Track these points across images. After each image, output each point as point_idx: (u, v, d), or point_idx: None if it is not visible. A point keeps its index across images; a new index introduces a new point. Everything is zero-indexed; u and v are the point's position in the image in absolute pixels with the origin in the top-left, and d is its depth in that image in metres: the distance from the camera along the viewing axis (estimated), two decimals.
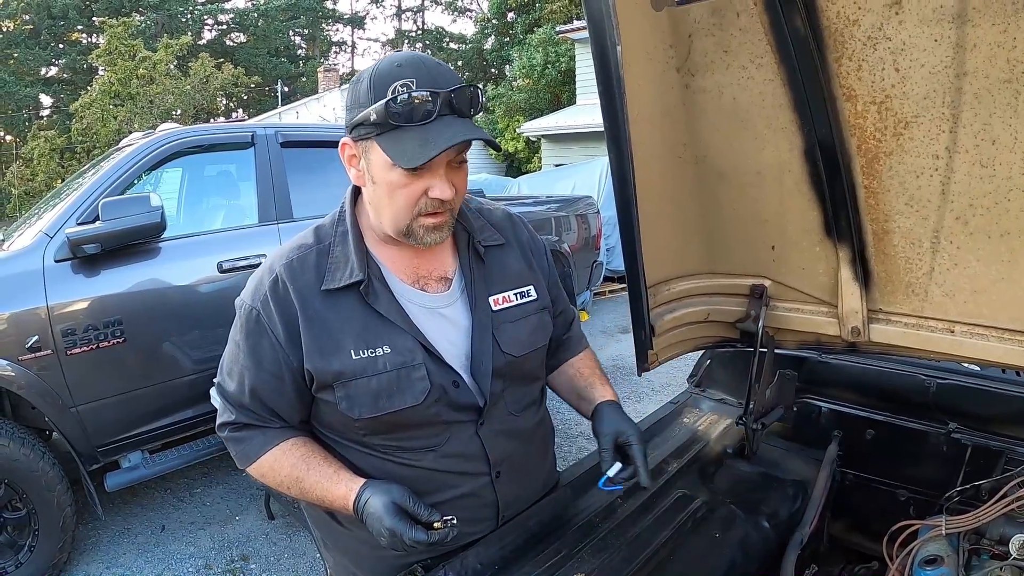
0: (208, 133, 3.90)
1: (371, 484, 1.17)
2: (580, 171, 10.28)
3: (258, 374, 1.20)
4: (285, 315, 1.17)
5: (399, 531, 1.09)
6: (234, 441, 1.27)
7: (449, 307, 1.26)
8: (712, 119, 1.51)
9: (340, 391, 1.17)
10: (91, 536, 3.48)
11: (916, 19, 1.16)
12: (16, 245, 3.16)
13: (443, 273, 1.28)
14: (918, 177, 1.34)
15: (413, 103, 1.04)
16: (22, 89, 27.46)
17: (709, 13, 1.36)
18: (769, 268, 1.70)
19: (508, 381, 1.29)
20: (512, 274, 1.34)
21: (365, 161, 1.14)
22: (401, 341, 1.18)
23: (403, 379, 1.17)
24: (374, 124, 1.07)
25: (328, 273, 1.19)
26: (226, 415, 1.27)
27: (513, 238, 1.39)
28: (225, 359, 1.28)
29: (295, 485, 1.22)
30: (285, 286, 1.18)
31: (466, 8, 40.02)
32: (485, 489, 1.29)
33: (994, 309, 1.39)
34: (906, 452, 1.81)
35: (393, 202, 1.12)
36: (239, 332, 1.23)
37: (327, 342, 1.17)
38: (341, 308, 1.18)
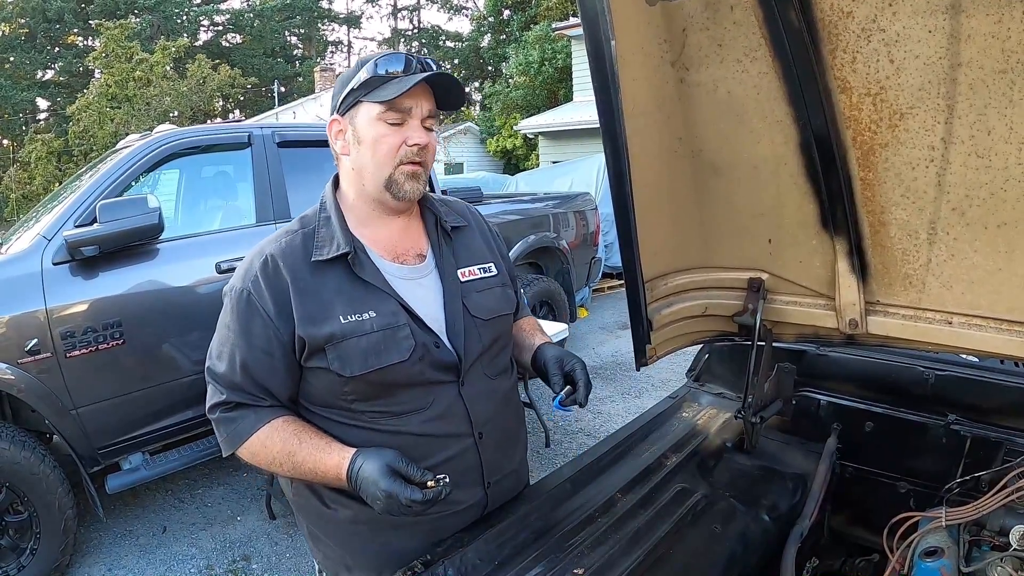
0: (205, 134, 3.89)
1: (363, 451, 1.22)
2: (578, 168, 10.27)
3: (249, 351, 1.26)
4: (275, 291, 1.26)
5: (395, 492, 1.13)
6: (225, 422, 1.30)
7: (425, 278, 1.38)
8: (707, 113, 1.51)
9: (332, 352, 1.24)
10: (92, 538, 3.48)
11: (910, 10, 1.16)
12: (14, 248, 3.16)
13: (419, 250, 1.40)
14: (914, 169, 1.34)
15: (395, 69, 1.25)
16: (18, 93, 27.42)
17: (703, 7, 1.36)
18: (766, 261, 1.70)
19: (480, 343, 1.38)
20: (475, 252, 1.48)
21: (351, 128, 1.30)
22: (385, 306, 1.28)
23: (389, 339, 1.26)
24: (362, 86, 1.25)
25: (316, 249, 1.29)
26: (216, 396, 1.30)
27: (474, 223, 1.54)
28: (214, 344, 1.33)
29: (287, 460, 1.25)
30: (276, 265, 1.27)
31: (462, 6, 40.03)
32: (469, 452, 1.36)
33: (992, 300, 1.39)
34: (905, 444, 1.81)
35: (376, 154, 1.27)
36: (229, 315, 1.30)
37: (318, 309, 1.25)
38: (329, 279, 1.28)
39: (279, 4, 35.62)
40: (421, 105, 1.27)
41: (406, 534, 1.35)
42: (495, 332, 1.42)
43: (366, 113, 1.27)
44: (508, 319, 1.49)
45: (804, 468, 1.81)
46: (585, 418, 4.78)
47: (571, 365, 1.44)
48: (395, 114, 1.26)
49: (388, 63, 1.25)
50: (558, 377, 1.43)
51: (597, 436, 4.42)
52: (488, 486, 1.41)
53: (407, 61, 1.26)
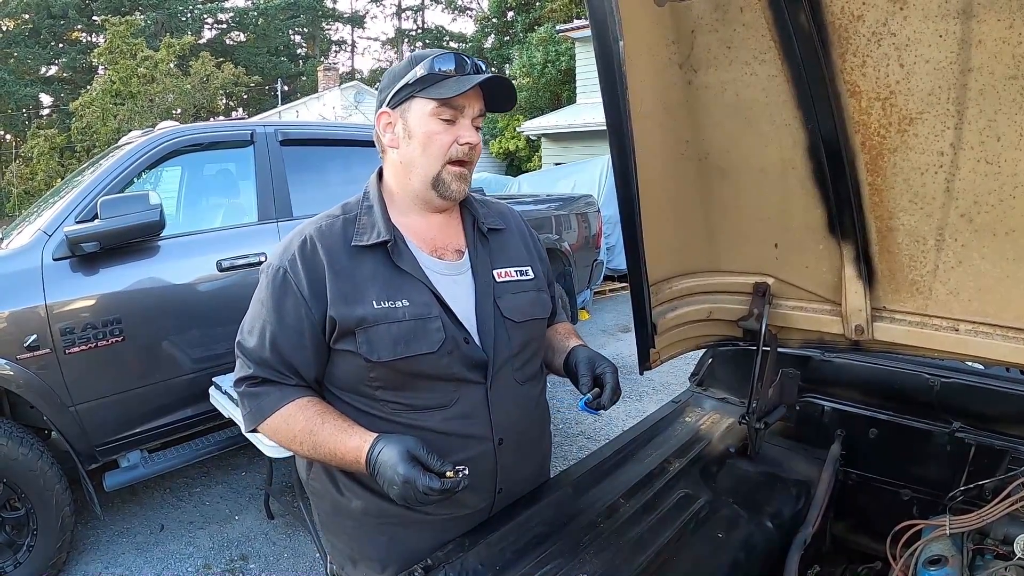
0: (207, 131, 3.88)
1: (384, 436, 1.22)
2: (580, 170, 10.28)
3: (280, 328, 1.28)
4: (311, 271, 1.27)
5: (412, 478, 1.13)
6: (250, 396, 1.31)
7: (462, 275, 1.38)
8: (715, 116, 1.50)
9: (361, 336, 1.25)
10: (90, 535, 3.47)
11: (921, 14, 1.15)
12: (15, 243, 3.15)
13: (457, 246, 1.41)
14: (922, 174, 1.33)
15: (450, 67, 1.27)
16: (22, 88, 27.46)
17: (712, 9, 1.35)
18: (772, 266, 1.69)
19: (510, 346, 1.38)
20: (513, 254, 1.48)
21: (402, 122, 1.31)
22: (419, 296, 1.29)
23: (419, 328, 1.27)
24: (419, 81, 1.27)
25: (356, 235, 1.31)
26: (244, 370, 1.32)
27: (514, 226, 1.54)
28: (247, 319, 1.34)
29: (308, 439, 1.26)
30: (314, 245, 1.29)
31: (466, 7, 40.07)
32: (487, 456, 1.35)
33: (999, 307, 1.38)
34: (910, 451, 1.80)
35: (427, 150, 1.29)
36: (264, 291, 1.31)
37: (352, 291, 1.27)
38: (366, 264, 1.29)
39: (283, 3, 35.68)
40: (473, 105, 1.30)
41: (413, 532, 1.35)
42: (527, 335, 1.42)
43: (419, 109, 1.29)
44: (541, 324, 1.49)
45: (807, 475, 1.80)
46: (586, 421, 4.77)
47: (602, 368, 1.43)
48: (449, 111, 1.28)
49: (443, 62, 1.27)
50: (587, 378, 1.42)
51: (597, 439, 4.41)
52: (499, 492, 1.41)
53: (459, 61, 1.29)
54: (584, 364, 1.44)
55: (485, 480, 1.37)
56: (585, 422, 4.74)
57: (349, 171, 4.15)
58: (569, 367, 1.49)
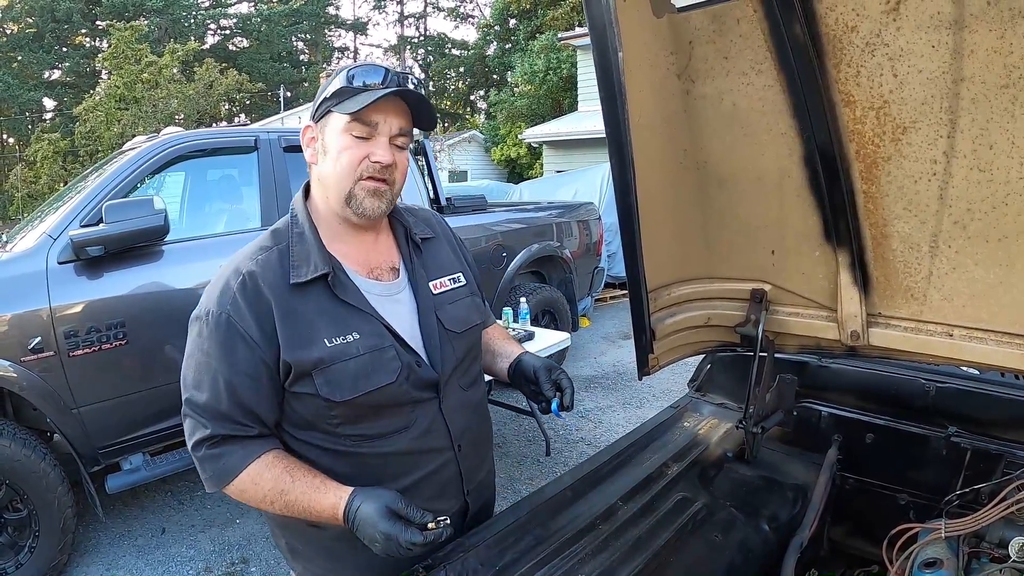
0: (212, 137, 3.91)
1: (360, 491, 1.18)
2: (582, 177, 10.29)
3: (234, 375, 1.19)
4: (257, 312, 1.19)
5: (394, 534, 1.11)
6: (211, 459, 1.21)
7: (400, 293, 1.36)
8: (712, 125, 1.53)
9: (320, 378, 1.20)
10: (91, 538, 3.48)
11: (914, 25, 1.17)
12: (19, 247, 3.17)
13: (392, 264, 1.38)
14: (916, 182, 1.35)
15: (369, 80, 1.21)
16: (25, 92, 27.50)
17: (709, 20, 1.38)
18: (769, 273, 1.71)
19: (455, 357, 1.38)
20: (445, 263, 1.47)
21: (322, 136, 1.26)
22: (368, 327, 1.25)
23: (376, 360, 1.23)
24: (333, 96, 1.22)
25: (293, 269, 1.23)
26: (199, 431, 1.22)
27: (441, 233, 1.52)
28: (189, 374, 1.24)
29: (279, 499, 1.20)
30: (256, 284, 1.21)
31: (468, 14, 40.20)
32: (450, 464, 1.37)
33: (993, 313, 1.40)
34: (906, 456, 1.82)
35: (338, 165, 1.23)
36: (207, 341, 1.21)
37: (303, 332, 1.20)
38: (309, 300, 1.23)
39: (286, 9, 35.79)
40: (390, 121, 1.23)
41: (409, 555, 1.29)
42: (468, 344, 1.42)
43: (335, 124, 1.23)
44: (479, 329, 1.50)
45: (804, 479, 1.81)
46: (586, 427, 4.78)
47: (557, 373, 1.48)
48: (361, 127, 1.21)
49: (364, 74, 1.21)
50: (548, 384, 1.46)
51: (597, 445, 4.41)
52: (467, 493, 1.43)
53: (384, 73, 1.22)
54: (543, 372, 1.48)
55: (453, 485, 1.39)
56: (584, 428, 4.75)
57: None
58: (525, 375, 1.52)
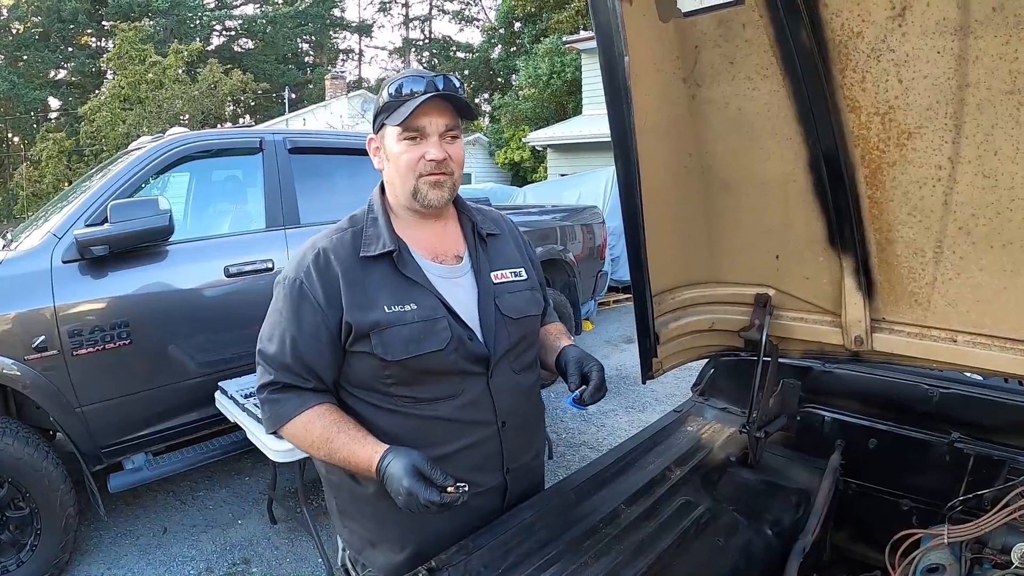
0: (217, 138, 3.92)
1: (394, 448, 1.31)
2: (586, 181, 10.29)
3: (299, 334, 1.37)
4: (326, 281, 1.37)
5: (415, 491, 1.22)
6: (272, 402, 1.40)
7: (462, 277, 1.48)
8: (718, 130, 1.53)
9: (376, 338, 1.34)
10: (93, 537, 3.48)
11: (919, 31, 1.18)
12: (24, 245, 3.18)
13: (456, 252, 1.51)
14: (921, 187, 1.35)
15: (411, 89, 1.35)
16: (31, 91, 27.56)
17: (715, 25, 1.38)
18: (773, 277, 1.71)
19: (508, 340, 1.48)
20: (508, 258, 1.58)
21: (382, 147, 1.43)
22: (425, 300, 1.39)
23: (428, 329, 1.37)
24: (384, 108, 1.38)
25: (364, 246, 1.41)
26: (265, 377, 1.40)
27: (507, 231, 1.65)
28: (265, 328, 1.44)
29: (324, 446, 1.35)
30: (327, 258, 1.39)
31: (473, 18, 40.28)
32: (492, 439, 1.46)
33: (997, 318, 1.40)
34: (909, 461, 1.81)
35: (399, 168, 1.39)
36: (281, 301, 1.41)
37: (365, 299, 1.36)
38: (375, 273, 1.39)
39: (291, 11, 35.85)
40: (436, 122, 1.37)
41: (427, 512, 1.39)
42: (522, 330, 1.52)
43: (390, 134, 1.39)
44: (535, 320, 1.58)
45: (807, 484, 1.81)
46: (589, 431, 4.77)
47: (589, 366, 1.53)
48: (411, 133, 1.36)
49: (407, 85, 1.36)
50: (576, 376, 1.52)
51: (601, 449, 4.41)
52: (507, 472, 1.50)
53: (424, 81, 1.36)
54: (573, 363, 1.55)
55: (494, 461, 1.48)
56: (588, 432, 4.75)
57: (356, 179, 4.17)
58: (560, 365, 1.60)
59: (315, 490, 3.93)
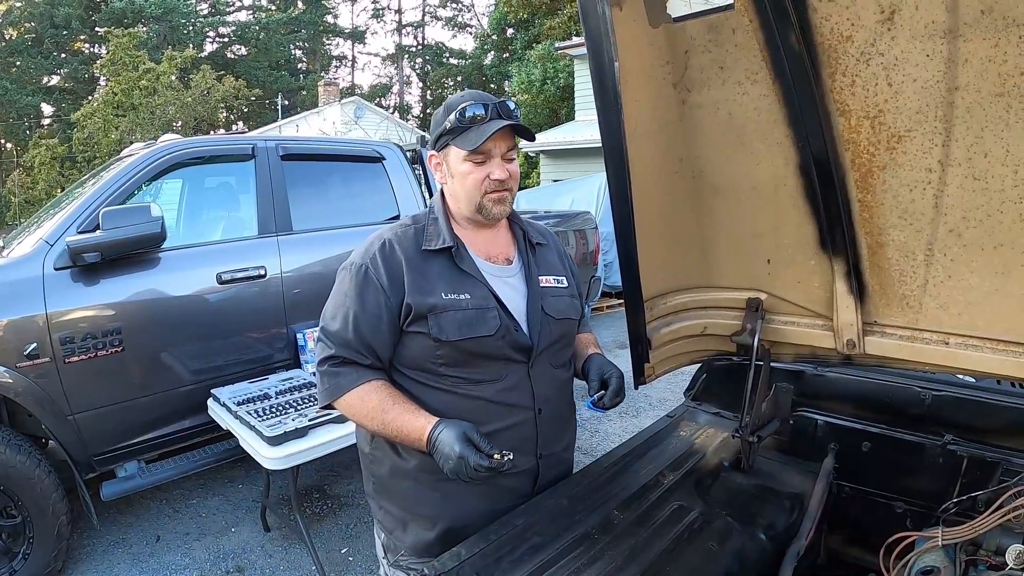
0: (209, 145, 3.91)
1: (444, 420, 1.44)
2: (578, 187, 10.30)
3: (363, 313, 1.50)
4: (390, 267, 1.51)
5: (466, 455, 1.35)
6: (331, 375, 1.52)
7: (512, 278, 1.62)
8: (708, 134, 1.54)
9: (432, 320, 1.48)
10: (85, 545, 3.46)
11: (908, 35, 1.18)
12: (16, 252, 3.16)
13: (508, 256, 1.65)
14: (911, 190, 1.36)
15: (475, 113, 1.48)
16: (23, 97, 27.46)
17: (705, 30, 1.39)
18: (765, 282, 1.72)
19: (550, 336, 1.60)
20: (552, 266, 1.71)
21: (446, 163, 1.56)
22: (478, 291, 1.53)
23: (480, 316, 1.50)
24: (450, 132, 1.50)
25: (425, 240, 1.56)
26: (326, 351, 1.53)
27: (552, 244, 1.78)
28: (328, 308, 1.57)
29: (379, 415, 1.48)
30: (392, 247, 1.54)
31: (466, 24, 40.35)
32: (529, 423, 1.58)
33: (988, 321, 1.41)
34: (902, 464, 1.82)
35: (466, 186, 1.52)
36: (347, 284, 1.54)
37: (426, 285, 1.51)
38: (434, 264, 1.54)
39: (284, 18, 35.88)
40: (499, 145, 1.49)
41: (464, 489, 1.51)
42: (562, 330, 1.64)
43: (455, 154, 1.52)
44: (574, 324, 1.70)
45: (801, 487, 1.81)
46: (582, 436, 4.77)
47: (609, 373, 1.66)
48: (478, 155, 1.48)
49: (472, 108, 1.48)
50: (596, 382, 1.65)
51: (594, 454, 4.41)
52: (540, 457, 1.61)
53: (486, 107, 1.49)
54: (595, 369, 1.69)
55: (528, 444, 1.58)
56: (582, 437, 4.74)
57: (349, 186, 4.18)
58: (584, 371, 1.73)
59: (308, 498, 3.92)
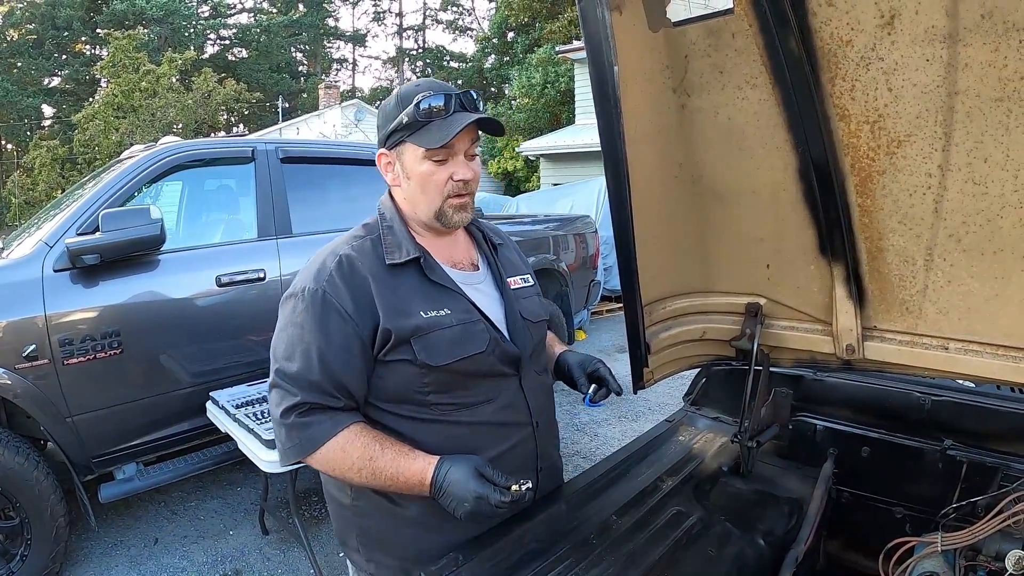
0: (209, 147, 3.91)
1: (447, 457, 1.26)
2: (578, 190, 10.30)
3: (328, 347, 1.27)
4: (354, 288, 1.30)
5: (485, 494, 1.20)
6: (300, 426, 1.27)
7: (482, 284, 1.48)
8: (708, 139, 1.53)
9: (418, 344, 1.29)
10: (83, 547, 3.45)
11: (908, 39, 1.18)
12: (16, 254, 3.16)
13: (471, 259, 1.51)
14: (911, 195, 1.36)
15: (433, 107, 1.28)
16: (24, 99, 27.51)
17: (705, 34, 1.39)
18: (764, 286, 1.71)
19: (532, 342, 1.49)
20: (516, 266, 1.60)
21: (399, 163, 1.37)
22: (457, 304, 1.36)
23: (468, 331, 1.34)
24: (406, 127, 1.31)
25: (387, 253, 1.35)
26: (289, 399, 1.27)
27: (508, 242, 1.66)
28: (281, 347, 1.32)
29: (367, 465, 1.26)
30: (351, 264, 1.32)
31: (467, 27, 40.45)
32: (528, 440, 1.46)
33: (988, 326, 1.41)
34: (902, 469, 1.81)
35: (425, 190, 1.35)
36: (302, 315, 1.30)
37: (400, 305, 1.31)
38: (403, 279, 1.34)
39: (286, 20, 35.97)
40: (463, 140, 1.32)
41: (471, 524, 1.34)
42: (540, 333, 1.54)
43: (412, 153, 1.33)
44: (546, 324, 1.59)
45: (800, 493, 1.81)
46: (581, 440, 4.76)
47: (594, 366, 1.59)
48: (440, 152, 1.31)
49: (431, 100, 1.29)
50: (584, 379, 1.57)
51: (593, 459, 4.40)
52: (540, 471, 1.50)
53: (445, 98, 1.29)
54: (577, 367, 1.60)
55: (530, 460, 1.47)
56: (580, 442, 4.74)
57: (349, 189, 4.18)
58: (561, 372, 1.64)
59: (307, 501, 3.91)
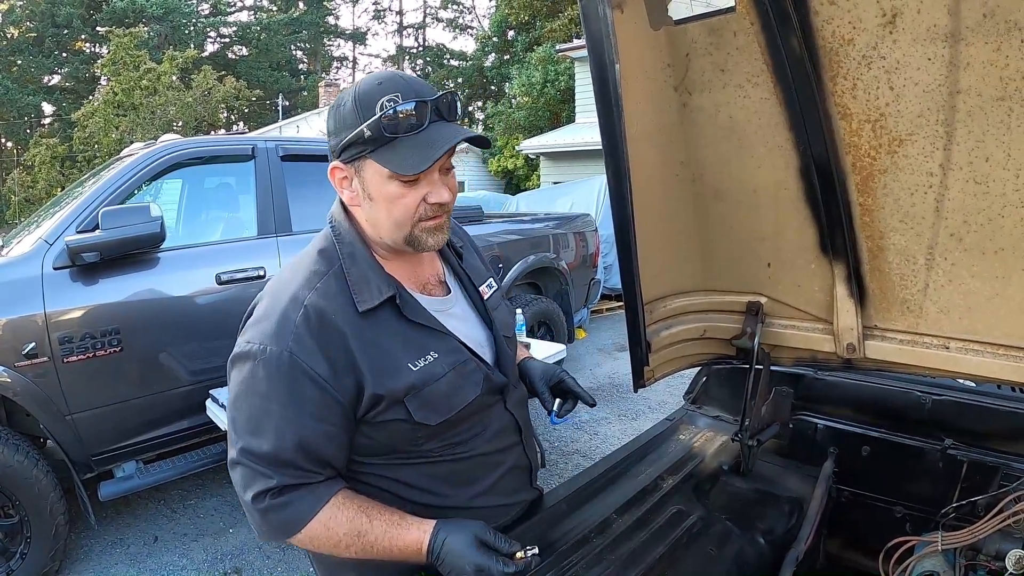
0: (209, 145, 3.91)
1: (445, 523, 1.14)
2: (578, 189, 10.30)
3: (303, 422, 1.09)
4: (327, 347, 1.10)
5: (486, 566, 1.08)
6: (277, 508, 1.11)
7: (455, 306, 1.31)
8: (709, 137, 1.53)
9: (414, 402, 1.14)
10: (83, 545, 3.45)
11: (910, 38, 1.18)
12: (15, 251, 3.16)
13: (438, 276, 1.33)
14: (912, 194, 1.35)
15: (401, 116, 1.05)
16: (24, 96, 27.50)
17: (706, 33, 1.38)
18: (765, 285, 1.71)
19: (512, 361, 1.37)
20: (479, 270, 1.42)
21: (359, 180, 1.14)
22: (442, 344, 1.20)
23: (460, 375, 1.20)
24: (367, 141, 1.07)
25: (356, 295, 1.14)
26: (261, 482, 1.10)
27: (467, 242, 1.48)
28: (241, 418, 1.12)
29: (356, 541, 1.12)
30: (321, 316, 1.11)
31: (467, 25, 40.38)
32: (521, 457, 1.37)
33: (989, 325, 1.40)
34: (902, 468, 1.81)
35: (392, 214, 1.12)
36: (264, 382, 1.09)
37: (387, 361, 1.13)
38: (380, 326, 1.15)
39: (286, 19, 35.94)
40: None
41: None
42: (515, 346, 1.43)
43: (374, 170, 1.10)
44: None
45: (800, 492, 1.81)
46: (581, 439, 4.76)
47: (557, 376, 1.48)
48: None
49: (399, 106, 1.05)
50: (547, 392, 1.46)
51: (593, 457, 4.40)
52: (532, 483, 1.45)
53: (421, 105, 1.06)
54: (540, 381, 1.47)
55: (525, 475, 1.41)
56: (580, 440, 4.74)
57: None
58: (522, 380, 1.48)
59: None
